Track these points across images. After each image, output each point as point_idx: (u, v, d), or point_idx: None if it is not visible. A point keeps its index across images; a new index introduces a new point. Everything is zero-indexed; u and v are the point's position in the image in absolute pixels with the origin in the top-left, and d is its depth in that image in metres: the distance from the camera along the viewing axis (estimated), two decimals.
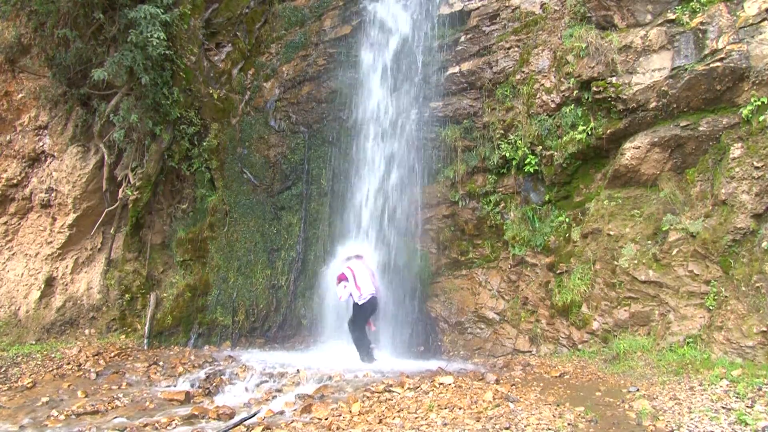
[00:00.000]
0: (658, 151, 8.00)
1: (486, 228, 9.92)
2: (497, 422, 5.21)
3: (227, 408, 6.50)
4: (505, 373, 7.52)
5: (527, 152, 9.18)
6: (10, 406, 6.86)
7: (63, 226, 9.84)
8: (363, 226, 10.23)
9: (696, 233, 7.37)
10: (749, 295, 6.69)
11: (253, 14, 11.67)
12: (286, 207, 10.77)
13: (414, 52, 10.54)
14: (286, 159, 11.00)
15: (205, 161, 10.09)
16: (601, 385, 6.56)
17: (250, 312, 9.90)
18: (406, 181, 10.34)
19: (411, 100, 10.44)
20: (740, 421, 4.98)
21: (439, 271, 10.39)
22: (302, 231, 10.55)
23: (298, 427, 5.59)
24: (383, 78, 10.68)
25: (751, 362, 6.37)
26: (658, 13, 8.02)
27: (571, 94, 8.69)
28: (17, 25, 9.37)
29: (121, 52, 8.64)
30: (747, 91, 7.33)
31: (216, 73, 10.89)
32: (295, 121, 11.31)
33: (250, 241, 10.21)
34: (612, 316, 7.96)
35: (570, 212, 9.05)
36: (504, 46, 9.65)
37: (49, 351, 8.69)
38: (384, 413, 5.67)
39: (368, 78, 10.77)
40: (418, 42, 10.52)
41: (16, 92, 9.72)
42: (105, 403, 6.86)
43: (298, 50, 11.47)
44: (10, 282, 9.88)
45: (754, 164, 7.03)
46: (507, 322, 9.38)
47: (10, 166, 9.91)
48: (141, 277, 9.67)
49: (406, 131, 10.36)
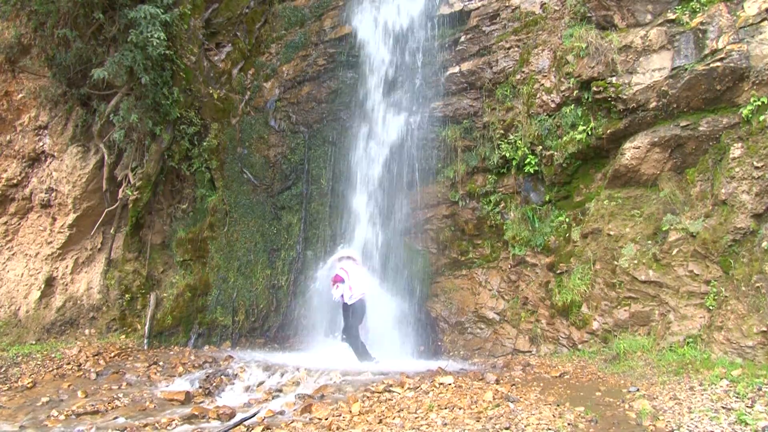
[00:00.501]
0: (658, 151, 8.00)
1: (486, 228, 9.92)
2: (497, 422, 5.21)
3: (227, 408, 6.50)
4: (505, 373, 7.52)
5: (527, 152, 9.18)
6: (10, 406, 6.86)
7: (63, 226, 9.84)
8: (363, 226, 10.23)
9: (696, 233, 7.37)
10: (749, 295, 6.69)
11: (253, 14, 11.67)
12: (286, 207, 10.77)
13: (414, 52, 10.54)
14: (286, 159, 11.00)
15: (205, 161, 10.09)
16: (601, 385, 6.56)
17: (250, 312, 9.89)
18: (406, 181, 10.35)
19: (411, 100, 10.45)
20: (740, 421, 4.98)
21: (439, 271, 10.40)
22: (302, 231, 10.55)
23: (298, 427, 5.59)
24: (383, 78, 10.67)
25: (751, 362, 6.37)
26: (658, 13, 8.02)
27: (571, 94, 8.69)
28: (17, 25, 9.37)
29: (121, 52, 8.64)
30: (747, 91, 7.33)
31: (216, 73, 10.89)
32: (295, 121, 11.31)
33: (250, 241, 10.21)
34: (612, 316, 7.96)
35: (570, 212, 9.05)
36: (504, 46, 9.65)
37: (49, 351, 8.68)
38: (384, 413, 5.67)
39: (368, 78, 10.77)
40: (418, 42, 10.52)
41: (16, 92, 9.71)
42: (105, 403, 6.86)
43: (298, 50, 11.47)
44: (10, 282, 9.88)
45: (754, 164, 7.03)
46: (507, 322, 9.38)
47: (10, 166, 9.91)
48: (141, 277, 9.67)
49: (406, 131, 10.36)
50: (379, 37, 10.81)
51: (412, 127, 10.34)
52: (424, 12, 10.56)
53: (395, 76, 10.62)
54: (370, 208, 10.29)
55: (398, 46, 10.65)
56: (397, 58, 10.64)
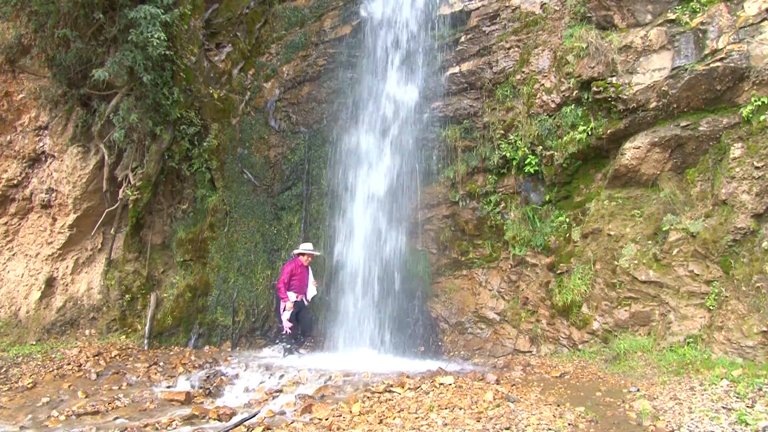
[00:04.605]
0: (658, 151, 8.00)
1: (486, 228, 9.92)
2: (497, 422, 5.21)
3: (228, 408, 6.51)
4: (505, 373, 7.52)
5: (527, 152, 9.18)
6: (10, 407, 6.86)
7: (63, 227, 9.84)
8: (363, 226, 10.22)
9: (696, 233, 7.37)
10: (749, 295, 6.69)
11: (253, 14, 11.67)
12: (286, 207, 10.76)
13: (414, 53, 10.53)
14: (286, 159, 11.00)
15: (206, 161, 10.08)
16: (602, 385, 6.56)
17: (251, 312, 9.89)
18: (406, 181, 10.34)
19: (411, 100, 10.43)
20: (741, 421, 4.98)
21: (440, 271, 10.40)
22: (302, 231, 10.54)
23: (298, 428, 5.60)
24: (383, 78, 10.67)
25: (752, 362, 6.37)
26: (659, 13, 8.02)
27: (572, 94, 8.69)
28: (17, 25, 9.36)
29: (122, 53, 8.63)
30: (747, 91, 7.33)
31: (216, 73, 10.89)
32: (295, 121, 11.31)
33: (250, 241, 10.20)
34: (612, 316, 7.97)
35: (570, 212, 9.05)
36: (504, 46, 9.65)
37: (50, 351, 8.69)
38: (384, 413, 5.67)
39: (368, 78, 10.76)
40: (418, 42, 10.52)
41: (16, 93, 9.71)
42: (105, 404, 6.86)
43: (298, 50, 11.47)
44: (11, 282, 9.88)
45: (755, 164, 7.03)
46: (507, 322, 9.38)
47: (11, 167, 9.91)
48: (141, 277, 9.67)
49: (406, 131, 10.35)
50: (379, 37, 10.79)
51: (412, 127, 10.32)
52: (424, 12, 10.54)
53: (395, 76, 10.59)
54: (370, 209, 10.26)
55: (398, 46, 10.63)
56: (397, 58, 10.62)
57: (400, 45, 10.60)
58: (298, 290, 9.21)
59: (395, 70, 10.57)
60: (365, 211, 10.26)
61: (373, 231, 10.14)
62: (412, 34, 10.57)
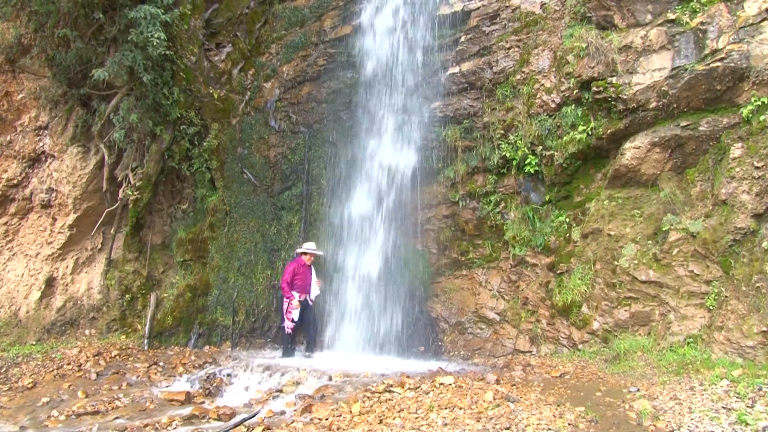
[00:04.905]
0: (658, 151, 8.00)
1: (486, 228, 9.92)
2: (498, 422, 5.21)
3: (228, 408, 6.51)
4: (505, 373, 7.52)
5: (527, 152, 9.18)
6: (10, 407, 6.86)
7: (63, 227, 9.84)
8: (363, 226, 10.22)
9: (696, 233, 7.37)
10: (749, 295, 6.69)
11: (253, 14, 11.67)
12: (286, 207, 10.75)
13: (414, 53, 10.53)
14: (287, 159, 10.99)
15: (206, 161, 10.08)
16: (602, 385, 6.56)
17: (251, 312, 9.89)
18: (406, 181, 10.33)
19: (411, 100, 10.43)
20: (741, 421, 4.98)
21: (440, 271, 10.39)
22: (302, 231, 10.54)
23: (298, 427, 5.60)
24: (383, 78, 10.66)
25: (752, 362, 6.37)
26: (659, 13, 8.02)
27: (572, 94, 8.69)
28: (17, 25, 9.37)
29: (122, 52, 8.64)
30: (747, 91, 7.33)
31: (216, 73, 10.89)
32: (295, 121, 11.30)
33: (250, 241, 10.20)
34: (612, 316, 7.97)
35: (570, 212, 9.05)
36: (504, 46, 9.65)
37: (50, 351, 8.69)
38: (384, 413, 5.67)
39: (368, 78, 10.76)
40: (418, 42, 10.52)
41: (16, 92, 9.72)
42: (105, 404, 6.86)
43: (298, 50, 11.47)
44: (11, 282, 9.88)
45: (755, 164, 7.03)
46: (507, 322, 9.38)
47: (11, 167, 9.91)
48: (141, 277, 9.67)
49: (406, 131, 10.35)
50: (380, 37, 10.79)
51: (412, 127, 10.32)
52: (424, 12, 10.54)
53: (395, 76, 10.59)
54: (370, 209, 10.27)
55: (398, 46, 10.63)
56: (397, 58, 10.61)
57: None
58: (301, 290, 9.26)
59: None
60: (365, 210, 10.27)
61: (373, 231, 10.15)
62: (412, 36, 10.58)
